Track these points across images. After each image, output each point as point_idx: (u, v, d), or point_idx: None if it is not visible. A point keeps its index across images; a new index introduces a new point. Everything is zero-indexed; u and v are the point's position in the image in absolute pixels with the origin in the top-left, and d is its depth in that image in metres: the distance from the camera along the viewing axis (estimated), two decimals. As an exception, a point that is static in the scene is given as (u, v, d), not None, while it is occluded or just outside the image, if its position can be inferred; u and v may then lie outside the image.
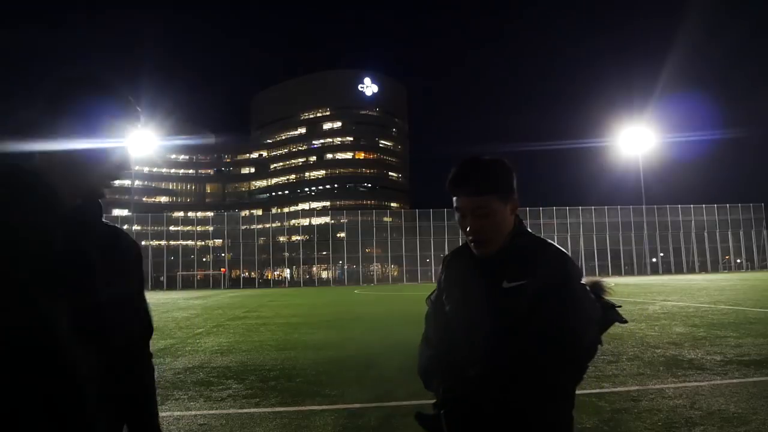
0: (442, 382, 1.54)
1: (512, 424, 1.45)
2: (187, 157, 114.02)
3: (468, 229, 1.55)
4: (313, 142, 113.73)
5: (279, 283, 66.15)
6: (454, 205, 1.58)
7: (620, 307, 1.65)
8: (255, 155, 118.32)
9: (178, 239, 68.40)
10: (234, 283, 62.20)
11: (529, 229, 1.63)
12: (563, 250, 1.56)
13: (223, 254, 66.12)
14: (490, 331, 1.49)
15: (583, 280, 1.57)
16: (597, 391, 5.35)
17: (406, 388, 5.22)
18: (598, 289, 1.64)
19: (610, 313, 1.62)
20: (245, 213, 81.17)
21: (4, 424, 0.93)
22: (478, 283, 1.57)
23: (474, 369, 1.47)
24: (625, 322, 1.68)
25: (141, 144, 66.26)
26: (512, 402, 1.44)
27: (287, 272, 67.57)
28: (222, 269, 64.14)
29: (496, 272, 1.53)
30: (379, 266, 65.41)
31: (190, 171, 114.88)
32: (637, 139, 65.45)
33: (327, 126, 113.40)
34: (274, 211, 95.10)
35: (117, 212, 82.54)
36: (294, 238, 69.82)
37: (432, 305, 1.75)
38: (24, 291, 0.97)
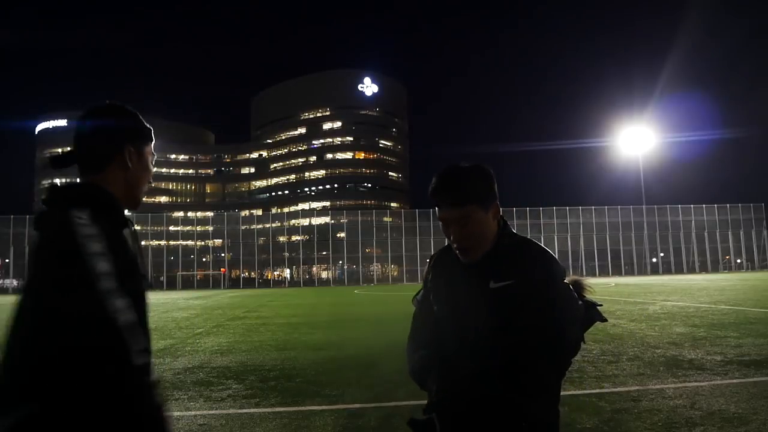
0: (435, 383, 1.56)
1: (503, 420, 1.48)
2: (187, 157, 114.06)
3: (452, 237, 1.59)
4: (313, 142, 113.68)
5: (279, 283, 66.13)
6: (437, 214, 1.61)
7: (601, 306, 1.69)
8: (255, 155, 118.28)
9: (178, 239, 68.37)
10: (234, 283, 62.18)
11: (513, 230, 1.66)
12: (547, 249, 1.60)
13: (223, 254, 66.09)
14: (479, 330, 1.52)
15: (566, 280, 1.61)
16: (597, 391, 5.35)
17: (406, 388, 5.21)
18: (578, 288, 1.68)
19: (591, 312, 1.66)
20: (245, 213, 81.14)
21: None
22: (465, 283, 1.60)
23: (465, 368, 1.50)
24: (605, 320, 1.72)
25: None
26: (502, 399, 1.47)
27: (287, 272, 67.55)
28: (222, 269, 64.11)
29: (483, 273, 1.56)
30: (379, 266, 65.41)
31: (190, 171, 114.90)
32: (637, 139, 65.54)
33: (327, 126, 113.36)
34: (274, 211, 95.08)
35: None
36: (294, 238, 69.80)
37: (419, 305, 1.77)
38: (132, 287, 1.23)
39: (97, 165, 1.33)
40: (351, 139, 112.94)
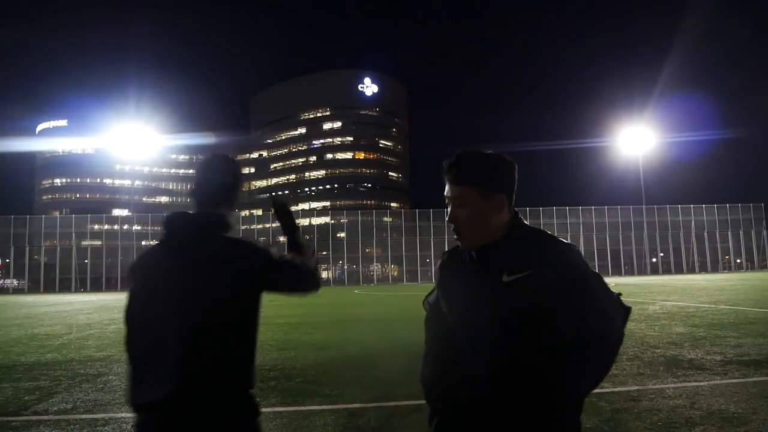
0: (447, 394, 1.45)
1: None
2: (187, 157, 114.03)
3: (448, 217, 1.54)
4: (313, 142, 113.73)
5: (279, 283, 66.04)
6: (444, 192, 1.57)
7: (620, 295, 1.55)
8: (255, 155, 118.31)
9: (178, 239, 68.21)
10: (234, 283, 62.04)
11: (526, 222, 1.54)
12: (569, 242, 1.47)
13: (223, 254, 65.98)
14: (494, 332, 1.35)
15: None
16: (597, 391, 5.32)
17: (406, 389, 5.22)
18: None
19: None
20: (245, 213, 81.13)
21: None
22: (475, 279, 1.45)
23: (481, 375, 1.37)
24: (630, 309, 1.53)
25: (141, 144, 66.23)
26: (523, 410, 1.34)
27: (287, 272, 67.48)
28: (222, 269, 63.99)
29: (494, 266, 1.41)
30: (379, 266, 65.37)
31: (191, 171, 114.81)
32: (637, 139, 65.49)
33: (327, 126, 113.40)
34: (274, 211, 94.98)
35: (117, 212, 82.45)
36: (294, 238, 69.72)
37: (430, 308, 1.62)
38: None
39: (217, 202, 1.85)
40: (351, 139, 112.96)
